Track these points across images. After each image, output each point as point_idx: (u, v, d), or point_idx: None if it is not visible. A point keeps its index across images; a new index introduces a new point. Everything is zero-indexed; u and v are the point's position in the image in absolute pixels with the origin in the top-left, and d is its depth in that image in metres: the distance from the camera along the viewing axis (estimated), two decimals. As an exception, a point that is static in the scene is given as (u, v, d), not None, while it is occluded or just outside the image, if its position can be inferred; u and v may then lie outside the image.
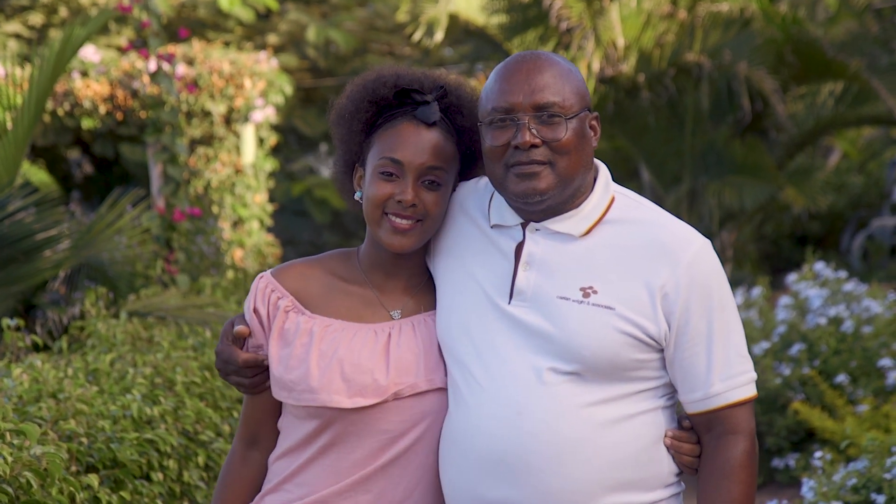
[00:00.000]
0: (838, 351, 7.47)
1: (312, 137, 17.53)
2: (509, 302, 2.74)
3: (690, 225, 2.80)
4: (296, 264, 2.92)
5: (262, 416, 2.93)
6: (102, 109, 11.62)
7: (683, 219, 2.91)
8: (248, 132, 12.48)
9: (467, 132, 2.86)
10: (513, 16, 12.91)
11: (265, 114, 12.34)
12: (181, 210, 10.01)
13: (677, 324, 2.68)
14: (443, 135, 2.82)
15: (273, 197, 15.56)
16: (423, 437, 2.80)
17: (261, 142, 12.72)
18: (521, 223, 2.79)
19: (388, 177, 2.78)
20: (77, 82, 11.59)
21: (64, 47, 7.11)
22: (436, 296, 2.88)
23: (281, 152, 16.90)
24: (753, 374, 2.74)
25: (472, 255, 2.84)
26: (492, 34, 13.49)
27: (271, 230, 15.01)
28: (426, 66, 3.08)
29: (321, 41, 15.92)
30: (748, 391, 2.73)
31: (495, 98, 2.73)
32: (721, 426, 2.72)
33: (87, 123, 11.77)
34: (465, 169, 2.93)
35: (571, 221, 2.75)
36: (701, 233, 2.78)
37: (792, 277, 8.88)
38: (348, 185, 2.94)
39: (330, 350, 2.79)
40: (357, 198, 2.89)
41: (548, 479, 2.65)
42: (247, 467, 2.95)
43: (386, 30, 17.24)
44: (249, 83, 11.97)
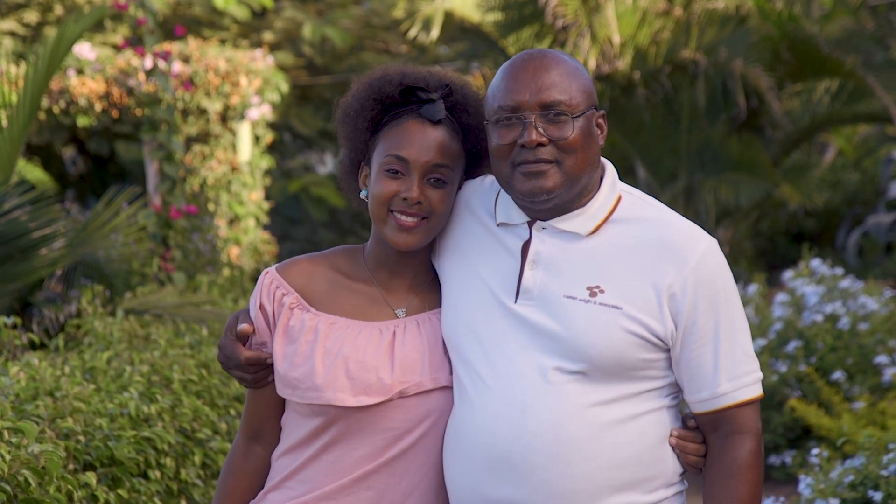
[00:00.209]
0: (835, 348, 7.47)
1: (308, 135, 17.51)
2: (515, 301, 2.72)
3: (687, 222, 2.79)
4: (301, 260, 2.91)
5: (265, 411, 2.92)
6: (98, 107, 11.60)
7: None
8: (244, 130, 12.46)
9: (472, 130, 2.85)
10: (508, 13, 12.90)
11: (261, 111, 12.33)
12: (177, 208, 10.02)
13: (684, 324, 2.67)
14: (448, 133, 2.81)
15: (269, 195, 15.55)
16: (426, 434, 2.79)
17: (257, 139, 12.70)
18: (527, 222, 2.78)
19: (394, 174, 2.78)
20: (73, 80, 11.57)
21: (58, 44, 7.09)
22: (441, 294, 2.88)
23: (276, 150, 16.88)
24: (760, 373, 2.74)
25: (478, 253, 2.82)
26: (487, 32, 13.48)
27: (267, 228, 15.00)
28: (422, 64, 3.07)
29: (317, 39, 15.91)
30: (755, 391, 2.72)
31: (502, 96, 2.71)
32: (728, 426, 2.71)
33: (82, 121, 11.75)
34: (471, 167, 2.92)
35: (578, 220, 2.74)
36: (697, 230, 2.78)
37: (788, 274, 8.87)
38: (354, 183, 2.93)
39: (335, 348, 2.78)
40: (363, 196, 2.89)
41: (552, 479, 2.64)
42: (249, 462, 2.94)
43: (382, 27, 17.21)
44: (245, 81, 11.96)
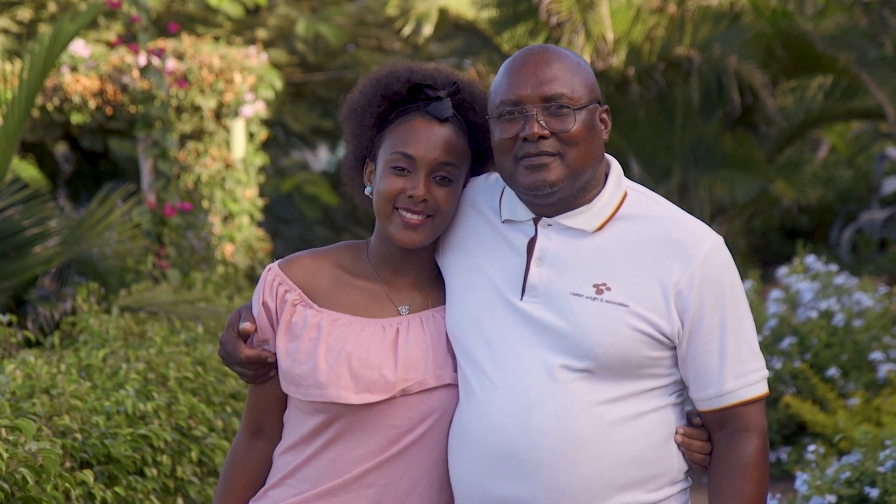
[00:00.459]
0: (829, 344, 7.48)
1: (301, 132, 17.49)
2: (521, 298, 2.71)
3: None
4: (304, 256, 2.90)
5: (267, 407, 2.92)
6: (92, 104, 11.57)
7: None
8: (238, 127, 12.45)
9: (479, 129, 2.84)
10: (503, 10, 12.91)
11: (255, 108, 12.31)
12: (172, 205, 10.00)
13: (691, 321, 2.66)
14: (455, 131, 2.80)
15: (262, 192, 15.53)
16: (429, 432, 2.79)
17: (251, 136, 12.69)
18: (532, 218, 2.77)
19: (400, 171, 2.77)
20: (66, 77, 11.54)
21: (54, 42, 7.07)
22: (444, 292, 2.87)
23: (270, 147, 16.85)
24: (765, 371, 2.74)
25: (483, 251, 2.81)
26: (481, 29, 13.48)
27: (261, 225, 14.97)
28: (416, 62, 3.07)
29: (310, 36, 15.89)
30: (761, 388, 2.73)
31: (503, 91, 2.71)
32: (734, 424, 2.71)
33: (76, 118, 11.73)
34: (476, 166, 2.92)
35: (584, 217, 2.73)
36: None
37: (782, 271, 8.88)
38: (358, 179, 2.93)
39: (338, 345, 2.78)
40: (367, 193, 2.88)
41: (557, 477, 2.63)
42: (251, 458, 2.94)
43: (375, 24, 17.19)
44: (239, 78, 11.94)
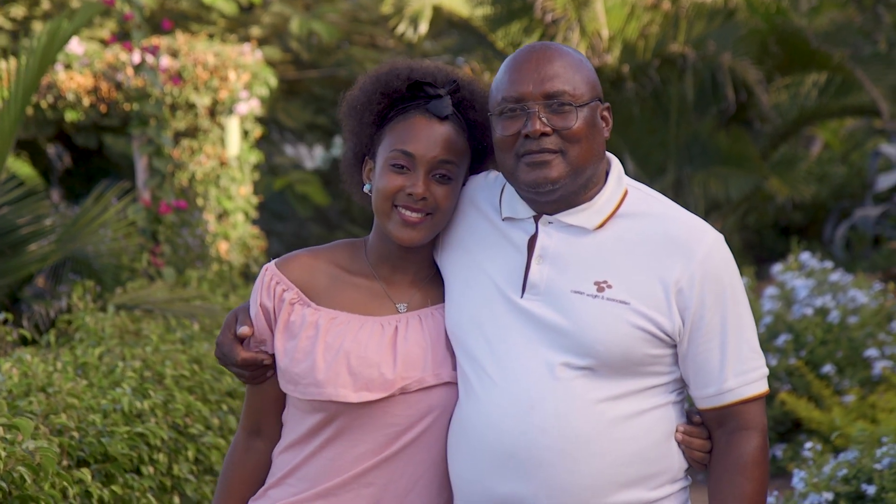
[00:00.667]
0: (824, 341, 7.48)
1: (295, 129, 17.47)
2: (522, 296, 2.71)
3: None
4: (301, 255, 2.89)
5: (265, 406, 2.91)
6: (86, 102, 11.55)
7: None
8: (233, 124, 12.43)
9: (479, 127, 2.84)
10: (497, 7, 12.91)
11: (250, 106, 12.30)
12: (167, 202, 9.99)
13: (692, 319, 2.66)
14: (455, 129, 2.80)
15: (256, 189, 15.51)
16: (428, 431, 2.78)
17: (245, 134, 12.68)
18: (533, 216, 2.76)
19: (400, 169, 2.76)
20: (60, 74, 11.52)
21: (51, 41, 7.06)
22: (443, 289, 2.86)
23: (264, 145, 16.83)
24: (766, 369, 2.73)
25: (483, 248, 2.81)
26: (476, 26, 13.48)
27: (256, 222, 14.96)
28: (416, 60, 3.07)
29: (304, 33, 15.87)
30: (761, 387, 2.71)
31: (505, 88, 2.71)
32: (734, 422, 2.70)
33: (70, 116, 11.70)
34: (476, 164, 2.91)
35: (585, 214, 2.73)
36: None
37: (777, 268, 8.89)
38: (357, 176, 2.92)
39: (336, 343, 2.77)
40: (366, 190, 2.87)
41: (558, 475, 2.63)
42: (250, 457, 2.93)
43: (369, 22, 17.17)
44: (234, 75, 11.92)
